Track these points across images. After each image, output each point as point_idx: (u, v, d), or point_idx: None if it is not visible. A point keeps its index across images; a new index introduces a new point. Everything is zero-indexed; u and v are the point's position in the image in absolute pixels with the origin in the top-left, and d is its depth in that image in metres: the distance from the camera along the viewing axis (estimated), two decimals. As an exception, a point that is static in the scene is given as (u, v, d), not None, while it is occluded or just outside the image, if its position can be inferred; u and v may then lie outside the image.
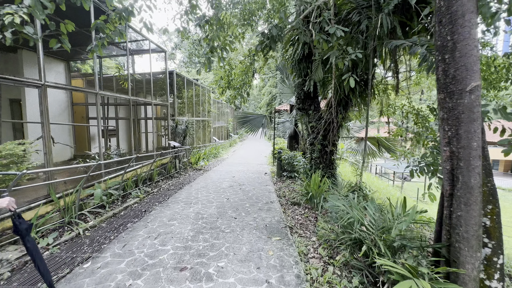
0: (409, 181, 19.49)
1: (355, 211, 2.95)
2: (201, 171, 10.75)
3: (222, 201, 6.27)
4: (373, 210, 3.03)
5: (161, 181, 8.56)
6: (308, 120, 7.65)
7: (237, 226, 4.66)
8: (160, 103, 9.48)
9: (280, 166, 9.31)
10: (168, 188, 7.77)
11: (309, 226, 4.71)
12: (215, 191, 7.29)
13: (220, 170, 10.94)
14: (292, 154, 8.84)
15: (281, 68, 10.34)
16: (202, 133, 15.41)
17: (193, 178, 9.36)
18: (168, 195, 6.99)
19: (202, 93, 14.99)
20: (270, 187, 7.81)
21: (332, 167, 7.10)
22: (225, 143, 19.40)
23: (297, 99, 7.97)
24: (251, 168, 11.66)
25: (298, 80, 7.66)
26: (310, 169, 7.41)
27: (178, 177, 9.46)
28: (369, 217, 2.89)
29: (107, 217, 5.23)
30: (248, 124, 10.56)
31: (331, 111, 6.75)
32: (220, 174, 10.09)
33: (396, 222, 2.69)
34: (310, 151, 7.45)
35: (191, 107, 13.58)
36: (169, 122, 10.12)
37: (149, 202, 6.31)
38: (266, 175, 9.91)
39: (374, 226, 2.76)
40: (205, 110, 15.36)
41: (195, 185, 8.02)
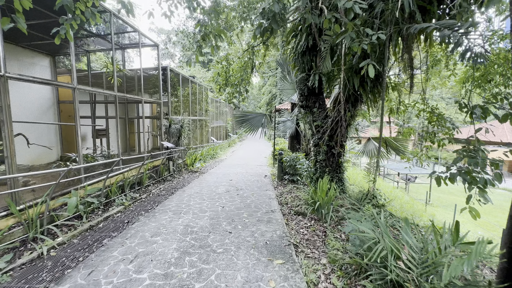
0: (413, 182, 18.74)
1: (386, 239, 2.19)
2: (197, 174, 9.98)
3: (216, 210, 5.50)
4: (410, 238, 2.26)
5: (152, 186, 7.78)
6: (312, 118, 6.88)
7: (232, 243, 3.89)
8: (151, 100, 8.71)
9: (281, 168, 8.54)
10: (159, 194, 7.00)
11: (317, 243, 3.94)
12: (209, 197, 6.51)
13: (217, 173, 10.17)
14: (294, 156, 8.07)
15: (281, 63, 9.58)
16: (199, 133, 14.63)
17: (188, 181, 8.59)
18: (158, 201, 6.22)
19: (199, 91, 14.21)
20: (270, 192, 7.04)
21: (340, 170, 6.33)
22: (224, 143, 18.63)
23: (300, 96, 7.20)
24: (250, 170, 10.89)
25: (301, 75, 6.89)
26: (315, 173, 6.64)
27: (171, 180, 8.69)
28: (407, 249, 2.13)
29: (82, 230, 4.46)
30: (247, 124, 9.79)
31: (339, 108, 5.98)
32: (217, 177, 9.32)
33: (447, 256, 1.93)
34: (315, 153, 6.68)
35: (187, 105, 12.80)
36: (162, 121, 9.35)
37: (134, 211, 5.54)
38: (266, 178, 9.15)
39: (415, 261, 2.01)
40: (202, 109, 14.58)
41: (189, 190, 7.24)
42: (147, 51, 68.74)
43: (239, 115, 10.03)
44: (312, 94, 6.91)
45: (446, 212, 12.75)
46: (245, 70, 9.66)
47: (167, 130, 9.61)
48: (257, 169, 11.12)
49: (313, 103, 6.91)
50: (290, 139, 11.90)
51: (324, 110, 6.82)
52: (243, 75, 9.45)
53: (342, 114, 5.75)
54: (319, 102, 6.84)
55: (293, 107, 11.67)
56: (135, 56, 29.18)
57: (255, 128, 9.67)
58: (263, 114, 9.96)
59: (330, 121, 6.22)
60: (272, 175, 9.77)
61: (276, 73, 29.06)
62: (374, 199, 4.95)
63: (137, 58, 28.00)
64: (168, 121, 9.69)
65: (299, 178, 7.91)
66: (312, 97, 6.92)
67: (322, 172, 6.39)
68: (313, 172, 6.67)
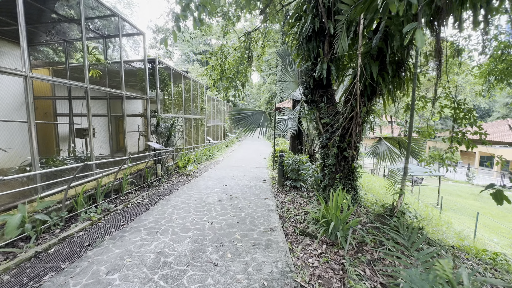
0: (420, 184, 17.61)
1: None
2: (189, 178, 8.85)
3: (202, 227, 4.37)
4: None
5: (134, 193, 6.65)
6: (319, 115, 5.75)
7: (216, 285, 2.76)
8: (135, 95, 7.57)
9: (282, 173, 7.41)
10: (139, 203, 5.88)
11: (334, 283, 2.81)
12: (197, 209, 5.38)
13: (211, 176, 9.05)
14: (296, 158, 6.95)
15: (282, 54, 8.44)
16: (194, 133, 13.50)
17: (176, 187, 7.46)
18: (135, 214, 5.09)
19: (194, 87, 13.08)
20: (270, 202, 5.91)
21: (353, 177, 5.20)
22: (221, 143, 17.49)
23: (304, 89, 6.07)
24: (248, 173, 9.76)
25: (306, 64, 5.76)
26: (323, 179, 5.51)
27: (158, 186, 7.56)
28: None
29: (23, 259, 3.33)
30: (244, 122, 8.65)
31: (352, 102, 4.86)
32: (210, 181, 8.19)
33: None
34: (322, 156, 5.55)
35: (180, 102, 11.67)
36: (149, 119, 8.22)
37: (101, 229, 4.41)
38: (265, 183, 8.02)
39: None
40: (198, 107, 13.45)
41: (175, 199, 6.11)
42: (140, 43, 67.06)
43: (235, 112, 8.90)
44: (318, 87, 5.78)
45: (458, 217, 11.62)
46: (242, 62, 8.53)
47: (155, 129, 8.48)
48: (256, 172, 9.99)
49: (320, 97, 5.78)
50: (291, 139, 10.77)
51: (333, 105, 5.70)
52: (240, 68, 8.33)
53: (358, 109, 4.62)
54: (327, 96, 5.71)
55: (295, 104, 10.54)
56: (130, 50, 27.92)
57: (253, 127, 8.55)
58: (262, 111, 8.83)
59: (341, 118, 5.09)
60: (272, 179, 8.65)
61: (276, 71, 27.90)
62: (403, 216, 3.82)
63: (131, 50, 26.75)
64: (156, 119, 8.56)
65: (302, 184, 6.78)
66: (318, 90, 5.80)
67: (331, 179, 5.26)
68: (320, 178, 5.54)
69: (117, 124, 12.71)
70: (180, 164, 9.74)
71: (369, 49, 4.64)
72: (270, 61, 29.95)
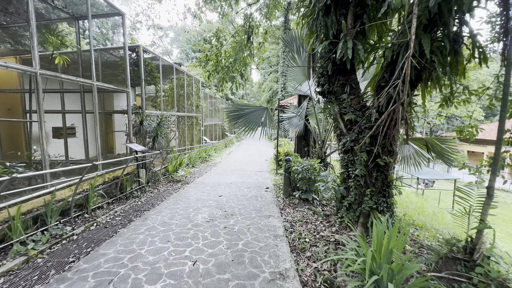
0: (431, 188, 16.22)
1: None
2: (179, 184, 7.45)
3: (181, 271, 2.95)
4: None
5: (105, 208, 5.24)
6: (339, 110, 4.34)
7: None
8: (110, 87, 6.13)
9: (289, 181, 6.01)
10: (107, 223, 4.47)
11: None
12: (179, 234, 3.97)
13: (205, 183, 7.64)
14: (307, 164, 5.54)
15: (288, 40, 6.99)
16: (188, 133, 12.08)
17: (161, 198, 6.06)
18: (94, 242, 3.69)
19: (188, 82, 11.65)
20: (275, 222, 4.50)
21: (388, 193, 3.80)
22: (219, 143, 16.07)
23: (319, 78, 4.65)
24: (248, 178, 8.35)
25: (322, 44, 4.34)
26: (346, 194, 4.10)
27: (139, 197, 6.15)
28: None
29: None
30: (243, 120, 7.24)
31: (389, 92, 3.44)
32: (203, 189, 6.78)
33: None
34: (345, 164, 4.13)
35: (172, 99, 10.26)
36: (129, 116, 6.80)
37: (38, 269, 3.01)
38: (268, 192, 6.62)
39: None
40: (193, 104, 12.02)
41: (154, 217, 4.70)
42: (144, 35, 64.25)
43: (233, 109, 7.49)
44: (339, 73, 4.37)
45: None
46: (241, 48, 7.11)
47: (137, 129, 7.07)
48: (256, 177, 8.59)
49: (341, 86, 4.36)
50: (297, 140, 9.35)
51: (359, 96, 4.28)
52: (239, 55, 6.91)
53: (403, 99, 3.20)
54: (350, 85, 4.29)
55: (301, 100, 9.13)
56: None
57: (254, 126, 7.14)
58: (264, 107, 7.42)
59: (374, 113, 3.67)
60: (275, 187, 7.24)
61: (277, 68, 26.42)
62: (488, 263, 2.41)
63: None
64: (139, 116, 7.15)
65: (315, 197, 5.36)
66: (339, 78, 4.38)
67: (359, 194, 3.84)
68: (342, 192, 4.12)
69: (106, 123, 11.31)
70: (170, 169, 8.33)
71: (418, 15, 3.23)
72: (271, 59, 28.47)
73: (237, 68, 6.77)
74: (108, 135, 11.57)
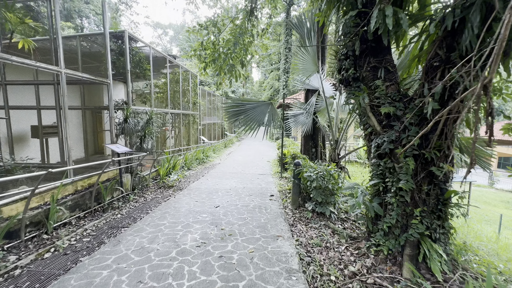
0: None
1: None
2: (170, 191, 6.38)
3: None
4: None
5: (72, 225, 4.17)
6: (370, 101, 3.27)
7: None
8: (83, 76, 5.05)
9: (298, 189, 4.93)
10: (67, 250, 3.39)
11: None
12: (157, 270, 2.89)
13: (200, 189, 6.57)
14: (322, 169, 4.47)
15: (296, 23, 5.89)
16: (184, 132, 11.01)
17: (146, 209, 4.99)
18: (37, 283, 2.63)
19: (184, 77, 10.58)
20: (286, 246, 3.43)
21: (444, 214, 2.73)
22: (218, 143, 14.99)
23: (341, 62, 3.58)
24: (249, 183, 7.28)
25: (349, 14, 3.26)
26: (383, 214, 3.02)
27: (120, 208, 5.08)
28: None
29: None
30: (244, 118, 6.16)
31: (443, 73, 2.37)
32: (197, 198, 5.72)
33: None
34: (381, 171, 3.06)
35: (165, 94, 9.19)
36: (112, 112, 5.72)
37: None
38: (273, 201, 5.55)
39: None
40: (189, 101, 10.94)
41: (128, 240, 3.63)
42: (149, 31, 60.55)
43: (232, 104, 6.41)
44: (370, 53, 3.30)
45: (495, 228, 9.12)
46: (242, 33, 6.02)
47: (121, 127, 6.00)
48: (259, 182, 7.52)
49: (371, 70, 3.29)
50: (303, 140, 8.27)
51: (397, 83, 3.21)
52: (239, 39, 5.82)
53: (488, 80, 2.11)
54: (385, 68, 3.22)
55: (308, 95, 8.05)
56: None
57: (256, 125, 6.06)
58: (268, 102, 6.33)
59: (431, 103, 2.60)
60: (280, 193, 6.18)
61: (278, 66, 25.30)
62: None
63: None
64: (124, 113, 6.08)
65: (333, 211, 4.28)
66: (369, 59, 3.31)
67: (403, 215, 2.77)
68: (377, 210, 3.05)
69: (96, 120, 10.24)
70: (161, 173, 7.26)
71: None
72: (272, 56, 27.37)
73: (237, 55, 5.69)
74: (99, 134, 10.50)
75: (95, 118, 10.15)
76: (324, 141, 8.39)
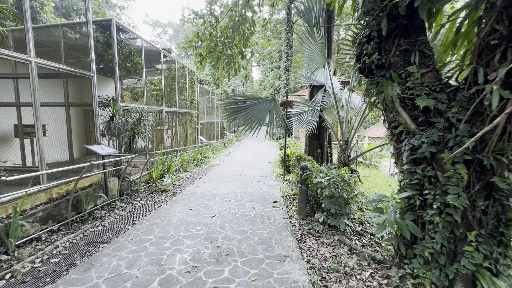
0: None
1: None
2: (163, 197, 5.73)
3: None
4: None
5: (42, 241, 3.51)
6: (402, 92, 2.60)
7: None
8: (59, 67, 4.37)
9: (306, 196, 4.27)
10: (26, 276, 2.72)
11: None
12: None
13: (196, 194, 5.91)
14: (334, 174, 3.81)
15: (303, 10, 5.21)
16: (182, 131, 10.35)
17: (132, 221, 4.33)
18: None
19: (181, 74, 9.91)
20: (295, 271, 2.75)
21: (507, 238, 2.08)
22: (217, 143, 14.33)
23: (361, 46, 2.91)
24: (249, 187, 6.61)
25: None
26: (422, 235, 2.36)
27: (104, 218, 4.42)
28: None
29: None
30: (244, 116, 5.47)
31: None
32: (192, 205, 5.06)
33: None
34: (417, 180, 2.40)
35: (160, 92, 8.52)
36: (96, 109, 5.05)
37: None
38: (277, 209, 4.89)
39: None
40: (186, 99, 10.26)
41: (103, 263, 2.97)
42: (148, 30, 57.90)
43: (231, 100, 5.74)
44: (401, 33, 2.62)
45: None
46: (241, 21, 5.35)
47: (107, 126, 5.34)
48: (260, 185, 6.86)
49: (402, 54, 2.62)
50: (308, 140, 7.60)
51: (436, 69, 2.55)
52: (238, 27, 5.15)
53: None
54: (420, 51, 2.54)
55: (314, 92, 7.39)
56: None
57: (257, 123, 5.40)
58: (271, 99, 5.66)
59: (501, 91, 1.94)
60: (284, 199, 5.52)
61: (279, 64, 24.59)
62: None
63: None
64: (111, 110, 5.41)
65: (348, 224, 3.62)
66: (400, 41, 2.63)
67: (449, 238, 2.12)
68: (413, 230, 2.39)
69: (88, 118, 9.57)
70: (154, 175, 6.60)
71: None
72: (273, 54, 26.66)
73: (236, 44, 5.02)
74: (91, 133, 9.84)
75: (87, 116, 9.49)
76: (330, 141, 7.74)
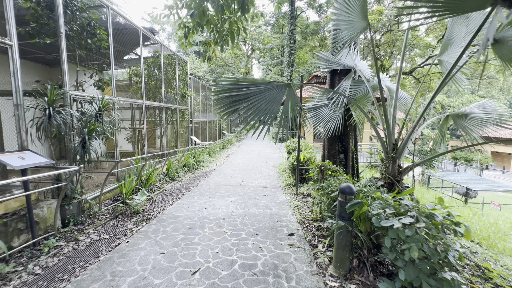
0: (474, 198, 12.68)
1: None
2: (130, 224, 3.89)
3: None
4: None
5: None
6: None
7: None
8: None
9: (350, 239, 2.45)
10: None
11: None
12: None
13: (178, 218, 4.07)
14: (412, 207, 2.00)
15: None
16: (171, 131, 8.51)
17: (58, 279, 2.50)
18: None
19: (169, 62, 8.06)
20: None
21: None
22: (215, 145, 12.48)
23: None
24: (253, 205, 4.75)
25: None
26: None
27: (14, 273, 2.59)
28: None
29: None
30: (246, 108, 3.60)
31: None
32: (164, 246, 3.20)
33: None
34: None
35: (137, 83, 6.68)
36: (18, 98, 3.23)
37: None
38: (295, 250, 3.04)
39: None
40: (176, 92, 8.41)
41: None
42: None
43: (228, 87, 3.84)
44: None
45: None
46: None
47: (41, 123, 3.49)
48: (266, 202, 5.02)
49: None
50: (327, 142, 5.73)
51: None
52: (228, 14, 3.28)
53: None
54: None
55: (335, 80, 5.55)
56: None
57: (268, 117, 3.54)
58: (285, 84, 3.80)
59: None
60: (303, 228, 3.64)
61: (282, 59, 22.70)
62: None
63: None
64: (46, 100, 3.57)
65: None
66: None
67: None
68: None
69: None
70: (124, 191, 4.76)
71: None
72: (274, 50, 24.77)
73: (230, 27, 3.20)
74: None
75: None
76: (356, 144, 5.91)
